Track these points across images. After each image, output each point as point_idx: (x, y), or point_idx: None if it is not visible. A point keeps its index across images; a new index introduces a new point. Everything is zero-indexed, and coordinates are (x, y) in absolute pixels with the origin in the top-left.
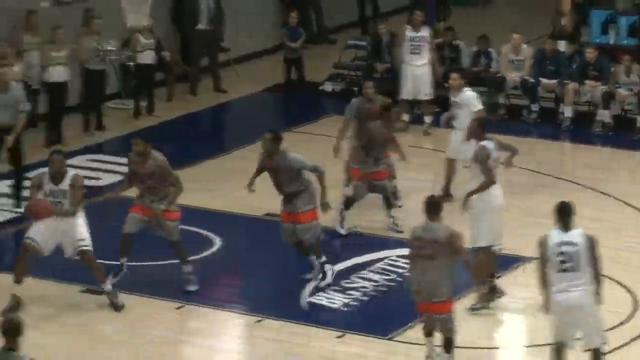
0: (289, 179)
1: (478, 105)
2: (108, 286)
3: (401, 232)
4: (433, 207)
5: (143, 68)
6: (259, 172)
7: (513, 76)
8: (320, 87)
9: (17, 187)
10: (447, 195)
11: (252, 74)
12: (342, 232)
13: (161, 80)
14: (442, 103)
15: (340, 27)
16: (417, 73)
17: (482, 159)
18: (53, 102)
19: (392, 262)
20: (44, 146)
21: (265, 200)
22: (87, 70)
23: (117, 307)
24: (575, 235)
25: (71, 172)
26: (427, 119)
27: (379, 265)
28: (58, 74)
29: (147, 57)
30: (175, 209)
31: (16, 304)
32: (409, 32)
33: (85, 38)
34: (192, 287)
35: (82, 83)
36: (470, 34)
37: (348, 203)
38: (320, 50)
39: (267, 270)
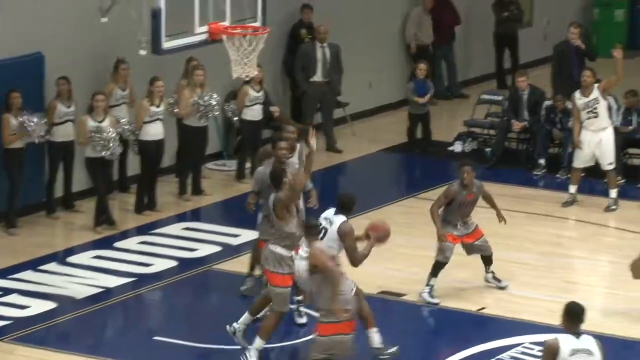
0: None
1: None
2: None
3: (504, 287)
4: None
5: (249, 124)
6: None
7: None
8: (449, 148)
9: None
10: None
11: (371, 132)
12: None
13: (268, 139)
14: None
15: (474, 80)
16: (596, 139)
17: None
18: (146, 163)
19: (525, 350)
20: (135, 212)
21: (378, 277)
22: (185, 127)
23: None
24: (589, 342)
25: None
26: (613, 193)
27: (510, 353)
28: (154, 131)
29: (255, 113)
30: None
31: None
32: (579, 100)
33: (186, 91)
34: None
35: (180, 141)
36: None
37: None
38: (450, 105)
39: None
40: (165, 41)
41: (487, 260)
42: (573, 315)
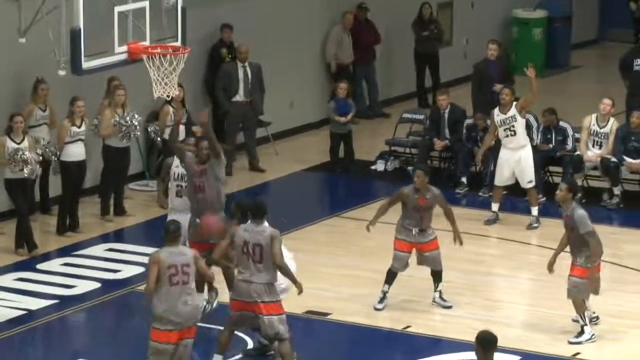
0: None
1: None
2: None
3: (449, 306)
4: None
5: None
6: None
7: (592, 156)
8: (372, 167)
9: None
10: None
11: (293, 151)
12: None
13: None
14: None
15: (396, 99)
16: (516, 157)
17: None
18: (68, 184)
19: None
20: (57, 233)
21: (306, 296)
22: (107, 147)
23: None
24: None
25: None
26: (534, 211)
27: None
28: (76, 151)
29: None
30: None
31: None
32: (497, 117)
33: (108, 111)
34: None
35: (102, 161)
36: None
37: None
38: (372, 124)
39: None
40: (85, 61)
41: (437, 276)
42: (485, 344)
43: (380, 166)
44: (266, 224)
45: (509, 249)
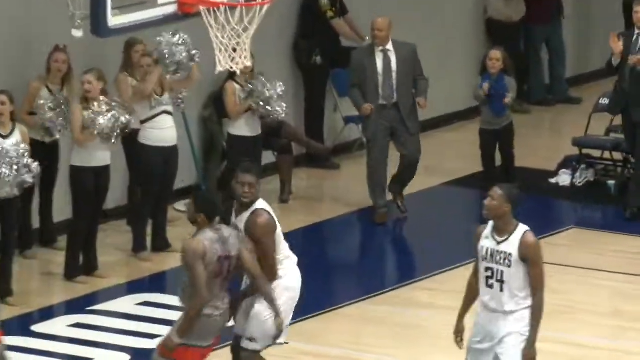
0: None
1: None
2: None
3: None
4: None
5: (241, 142)
6: None
7: None
8: (551, 179)
9: None
10: None
11: (429, 155)
12: None
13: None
14: None
15: (592, 75)
16: None
17: None
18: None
19: None
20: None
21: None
22: (145, 147)
23: None
24: None
25: None
26: None
27: None
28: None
29: (250, 124)
30: None
31: None
32: None
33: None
34: None
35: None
36: None
37: None
38: (553, 114)
39: None
40: (113, 15)
41: None
42: None
43: (564, 178)
44: None
45: None
